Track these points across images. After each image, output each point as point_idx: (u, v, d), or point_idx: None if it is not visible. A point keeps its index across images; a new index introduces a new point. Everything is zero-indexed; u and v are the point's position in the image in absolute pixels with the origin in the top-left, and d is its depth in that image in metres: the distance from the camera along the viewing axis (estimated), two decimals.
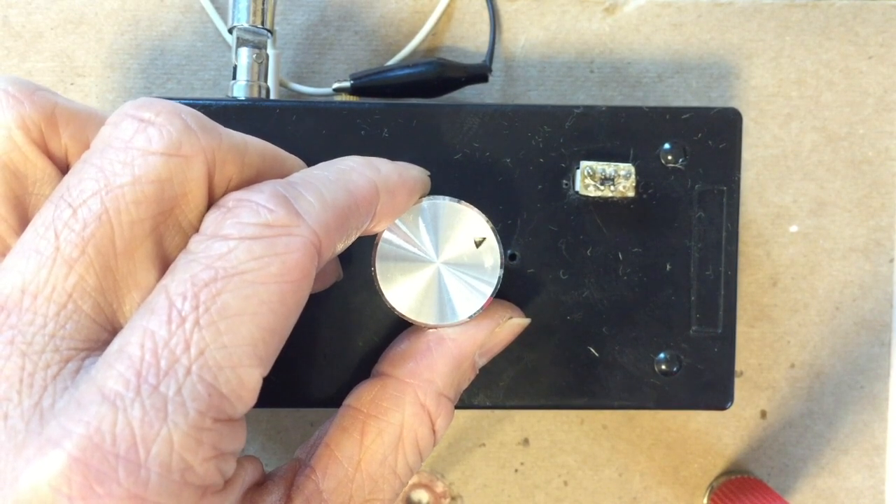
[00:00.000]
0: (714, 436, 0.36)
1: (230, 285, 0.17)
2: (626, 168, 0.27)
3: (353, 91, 0.34)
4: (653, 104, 0.32)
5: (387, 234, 0.23)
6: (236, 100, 0.29)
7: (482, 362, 0.25)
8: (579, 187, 0.27)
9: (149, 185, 0.18)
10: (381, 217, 0.22)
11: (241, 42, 0.30)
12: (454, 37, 0.36)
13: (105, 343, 0.18)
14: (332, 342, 0.27)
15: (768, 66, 0.36)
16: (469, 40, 0.36)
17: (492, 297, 0.24)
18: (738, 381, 0.36)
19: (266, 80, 0.31)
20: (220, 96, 0.35)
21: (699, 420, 0.36)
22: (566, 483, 0.36)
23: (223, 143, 0.19)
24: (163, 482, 0.16)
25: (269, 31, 0.31)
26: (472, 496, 0.36)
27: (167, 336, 0.17)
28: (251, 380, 0.17)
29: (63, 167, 0.20)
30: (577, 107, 0.27)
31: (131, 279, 0.18)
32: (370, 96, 0.34)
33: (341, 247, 0.21)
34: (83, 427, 0.16)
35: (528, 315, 0.27)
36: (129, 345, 0.17)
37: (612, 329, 0.27)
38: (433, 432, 0.23)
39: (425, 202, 0.24)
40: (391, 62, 0.36)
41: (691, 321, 0.28)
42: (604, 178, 0.27)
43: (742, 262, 0.36)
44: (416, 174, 0.24)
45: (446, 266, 0.24)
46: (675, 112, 0.27)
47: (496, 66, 0.36)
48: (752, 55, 0.36)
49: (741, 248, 0.36)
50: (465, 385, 0.25)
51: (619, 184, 0.27)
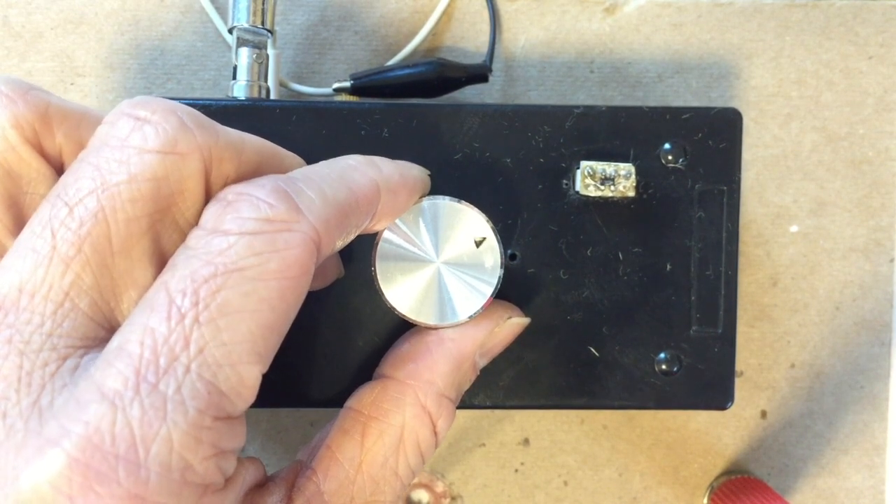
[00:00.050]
0: (714, 436, 0.36)
1: (230, 282, 0.17)
2: (626, 168, 0.27)
3: (353, 91, 0.34)
4: (653, 104, 0.32)
5: (387, 234, 0.23)
6: (236, 100, 0.29)
7: (483, 363, 0.25)
8: (579, 187, 0.27)
9: (145, 183, 0.18)
10: (381, 216, 0.22)
11: (241, 42, 0.30)
12: (454, 37, 0.36)
13: (103, 341, 0.17)
14: (332, 342, 0.27)
15: (768, 66, 0.36)
16: (469, 40, 0.36)
17: (492, 297, 0.24)
18: (738, 381, 0.36)
19: (266, 80, 0.31)
20: (220, 96, 0.35)
21: (699, 420, 0.36)
22: (566, 483, 0.36)
23: (220, 141, 0.19)
24: (163, 481, 0.16)
25: (269, 31, 0.31)
26: (472, 496, 0.36)
27: (167, 333, 0.17)
28: (251, 377, 0.17)
29: (58, 166, 0.20)
30: (577, 107, 0.27)
31: (128, 277, 0.18)
32: (370, 96, 0.34)
33: (340, 244, 0.21)
34: (82, 427, 0.16)
35: (528, 315, 0.27)
36: (128, 342, 0.17)
37: (613, 329, 0.27)
38: (434, 433, 0.23)
39: (425, 202, 0.24)
40: (391, 62, 0.36)
41: (691, 321, 0.28)
42: (604, 178, 0.27)
43: (742, 262, 0.36)
44: (416, 174, 0.24)
45: (446, 266, 0.24)
46: (676, 112, 0.27)
47: (496, 66, 0.36)
48: (752, 55, 0.36)
49: (741, 248, 0.36)
50: (467, 386, 0.25)
51: (620, 184, 0.27)
